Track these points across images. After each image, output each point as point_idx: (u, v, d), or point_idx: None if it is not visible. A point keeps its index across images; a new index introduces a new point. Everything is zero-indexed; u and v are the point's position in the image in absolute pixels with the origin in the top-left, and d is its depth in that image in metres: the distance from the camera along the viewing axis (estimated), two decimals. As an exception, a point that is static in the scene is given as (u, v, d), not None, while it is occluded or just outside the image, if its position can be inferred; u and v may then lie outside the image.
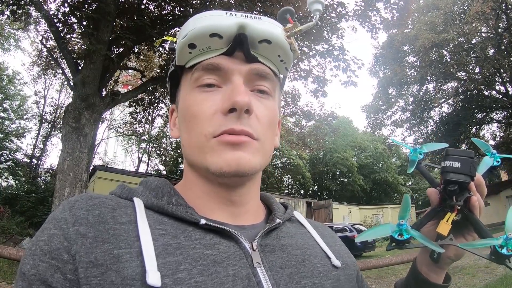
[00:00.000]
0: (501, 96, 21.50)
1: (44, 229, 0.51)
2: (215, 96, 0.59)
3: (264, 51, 0.62)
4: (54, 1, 9.35)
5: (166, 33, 9.70)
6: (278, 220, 0.65)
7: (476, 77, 21.51)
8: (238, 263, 0.54)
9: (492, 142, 24.62)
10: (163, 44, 10.70)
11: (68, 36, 9.36)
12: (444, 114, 24.76)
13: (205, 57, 0.59)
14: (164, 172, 29.67)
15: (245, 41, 0.58)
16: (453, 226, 0.64)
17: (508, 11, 18.71)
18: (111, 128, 28.74)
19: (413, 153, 0.78)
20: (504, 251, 0.56)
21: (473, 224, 0.65)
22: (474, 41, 20.57)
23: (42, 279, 0.46)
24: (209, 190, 0.62)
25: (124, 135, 29.37)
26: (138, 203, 0.57)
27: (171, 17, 9.60)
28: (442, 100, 24.00)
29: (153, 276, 0.46)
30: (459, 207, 0.64)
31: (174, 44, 0.64)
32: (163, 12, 9.70)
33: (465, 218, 0.65)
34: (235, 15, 0.59)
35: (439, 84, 24.00)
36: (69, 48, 8.87)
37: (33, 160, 25.65)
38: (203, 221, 0.56)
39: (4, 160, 24.01)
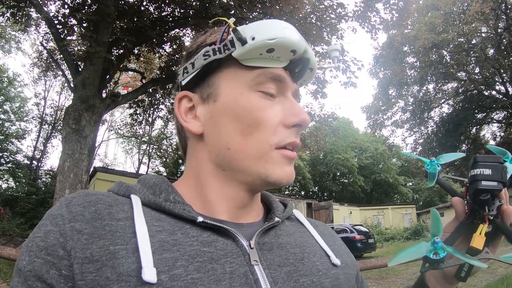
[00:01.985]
0: (501, 96, 21.49)
1: (40, 226, 0.51)
2: (276, 106, 0.61)
3: (304, 75, 0.66)
4: (54, 3, 9.38)
5: (166, 34, 9.73)
6: (276, 219, 0.65)
7: (476, 77, 21.50)
8: (236, 261, 0.54)
9: (492, 142, 24.62)
10: (162, 46, 10.74)
11: (68, 38, 9.38)
12: (444, 115, 24.76)
13: (272, 64, 0.59)
14: (165, 174, 29.66)
15: (307, 64, 0.63)
16: (486, 240, 0.60)
17: (508, 11, 18.72)
18: (111, 130, 28.77)
19: (431, 166, 0.73)
20: None
21: (506, 233, 0.61)
22: (474, 41, 20.57)
23: (37, 275, 0.46)
24: (230, 194, 0.61)
25: (125, 137, 29.37)
26: (135, 200, 0.56)
27: (171, 19, 9.61)
28: (442, 100, 24.00)
29: (149, 272, 0.46)
30: (491, 217, 0.60)
31: (242, 35, 0.57)
32: (163, 14, 9.71)
33: (496, 229, 0.61)
34: (301, 36, 0.61)
35: (439, 85, 23.99)
36: (69, 50, 8.87)
37: (34, 161, 25.67)
38: (200, 219, 0.56)
39: (4, 162, 24.02)
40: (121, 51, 8.90)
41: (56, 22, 8.48)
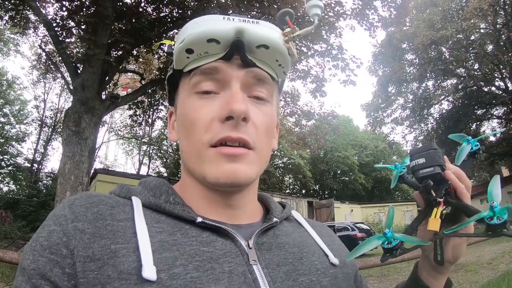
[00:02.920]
0: (500, 92, 21.49)
1: (44, 226, 0.52)
2: (212, 102, 0.59)
3: (261, 56, 0.61)
4: (52, 6, 9.37)
5: (164, 35, 9.72)
6: (275, 219, 0.66)
7: (476, 73, 21.51)
8: (234, 260, 0.55)
9: (492, 138, 24.62)
10: (161, 47, 10.73)
11: (67, 40, 9.37)
12: (444, 111, 24.77)
13: (203, 62, 0.59)
14: (165, 174, 29.66)
15: (242, 46, 0.58)
16: (446, 220, 0.63)
17: (506, 7, 18.70)
18: (112, 131, 28.78)
19: (395, 170, 0.78)
20: (494, 221, 0.54)
21: (464, 210, 0.63)
22: (472, 37, 20.56)
23: (41, 273, 0.47)
24: (206, 194, 0.63)
25: (125, 138, 29.38)
26: (136, 202, 0.58)
27: (169, 19, 9.60)
28: (442, 97, 24.00)
29: (149, 270, 0.47)
30: (441, 199, 0.63)
31: (172, 48, 0.63)
32: (161, 15, 9.70)
33: (454, 208, 0.63)
34: (233, 19, 0.58)
35: (438, 81, 23.99)
36: (68, 52, 8.87)
37: (34, 164, 25.70)
38: (199, 219, 0.57)
39: (5, 165, 24.03)
40: (120, 52, 8.89)
41: (54, 24, 8.48)
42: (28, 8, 8.71)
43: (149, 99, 13.03)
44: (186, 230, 0.56)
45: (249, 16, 0.60)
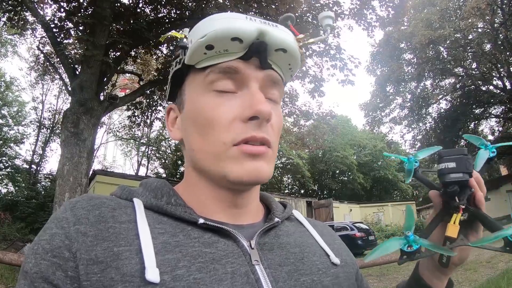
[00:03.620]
0: (498, 91, 21.53)
1: (46, 229, 0.52)
2: (231, 101, 0.59)
3: (277, 59, 0.62)
4: (50, 7, 9.36)
5: (162, 36, 9.70)
6: (276, 219, 0.66)
7: (473, 72, 21.56)
8: (237, 261, 0.55)
9: (491, 137, 24.63)
10: (159, 47, 10.73)
11: (65, 41, 9.36)
12: (442, 110, 24.80)
13: (221, 59, 0.58)
14: (164, 175, 29.65)
15: (265, 48, 0.58)
16: (461, 226, 0.63)
17: (504, 6, 18.75)
18: (110, 132, 28.75)
19: (408, 163, 0.77)
20: None
21: (482, 220, 0.63)
22: (470, 36, 20.60)
23: (44, 277, 0.47)
24: (215, 194, 0.62)
25: (123, 139, 29.35)
26: (138, 203, 0.58)
27: (167, 20, 9.60)
28: (440, 96, 24.03)
29: (152, 272, 0.47)
30: (463, 206, 0.63)
31: (184, 42, 0.61)
32: (159, 15, 9.70)
33: (472, 216, 0.64)
34: (255, 20, 0.58)
35: (436, 81, 24.02)
36: (66, 53, 8.86)
37: (33, 166, 25.64)
38: (201, 221, 0.57)
39: (3, 167, 24.00)
40: (118, 53, 8.89)
41: (52, 25, 8.47)
42: (26, 9, 8.70)
43: (148, 100, 13.00)
44: (188, 231, 0.56)
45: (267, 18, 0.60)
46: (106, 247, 0.49)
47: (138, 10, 9.20)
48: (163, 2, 9.25)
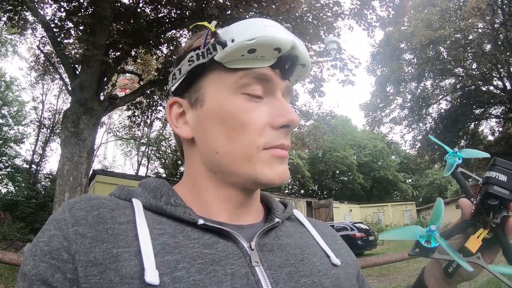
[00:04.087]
0: (499, 91, 21.51)
1: (44, 230, 0.52)
2: (262, 107, 0.60)
3: (295, 72, 0.64)
4: (51, 6, 9.36)
5: (162, 35, 9.72)
6: (277, 219, 0.66)
7: (474, 73, 21.52)
8: (237, 262, 0.55)
9: (491, 138, 24.64)
10: (160, 47, 10.73)
11: (65, 41, 9.36)
12: (442, 111, 24.75)
13: (256, 65, 0.58)
14: (164, 175, 29.66)
15: (296, 62, 0.61)
16: (484, 245, 0.60)
17: (504, 6, 18.75)
18: (110, 132, 28.74)
19: (451, 156, 0.73)
20: None
21: (503, 246, 0.59)
22: (470, 37, 20.58)
23: (42, 279, 0.47)
24: (226, 195, 0.62)
25: (123, 139, 29.35)
26: (137, 204, 0.57)
27: (167, 20, 9.59)
28: (440, 96, 24.01)
29: (151, 274, 0.47)
30: (493, 225, 0.59)
31: (219, 37, 0.57)
32: (159, 15, 9.69)
33: (495, 238, 0.60)
34: (289, 33, 0.60)
35: (436, 81, 23.99)
36: (66, 53, 8.86)
37: (33, 165, 25.66)
38: (201, 221, 0.56)
39: (3, 166, 24.01)
40: (118, 53, 8.87)
41: (52, 25, 8.47)
42: (26, 9, 8.70)
43: (148, 100, 13.00)
44: (187, 232, 0.56)
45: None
46: (105, 249, 0.49)
47: (138, 10, 9.19)
48: (163, 2, 9.25)
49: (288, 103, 0.65)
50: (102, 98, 8.52)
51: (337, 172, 40.68)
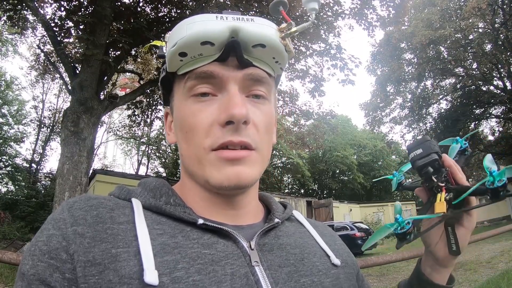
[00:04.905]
0: (499, 91, 21.53)
1: (43, 230, 0.51)
2: (210, 106, 0.58)
3: (258, 55, 0.59)
4: (51, 6, 9.36)
5: (162, 35, 9.70)
6: (276, 220, 0.65)
7: (474, 72, 21.53)
8: (236, 262, 0.55)
9: (491, 138, 24.64)
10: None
11: (65, 40, 9.36)
12: (442, 111, 24.79)
13: (197, 64, 0.57)
14: (164, 174, 29.66)
15: (238, 47, 0.56)
16: (450, 207, 0.64)
17: (505, 6, 18.74)
18: (110, 131, 28.74)
19: (394, 178, 0.85)
20: (496, 184, 0.57)
21: (463, 190, 0.63)
22: (471, 36, 20.59)
23: (41, 279, 0.46)
24: (208, 197, 0.62)
25: (123, 138, 29.35)
26: (136, 204, 0.57)
27: (167, 19, 9.59)
28: (440, 96, 24.04)
29: (151, 274, 0.47)
30: (442, 184, 0.66)
31: (163, 51, 0.61)
32: (159, 14, 9.69)
33: (458, 193, 0.64)
34: (226, 18, 0.56)
35: (437, 81, 24.01)
36: (67, 52, 8.86)
37: (33, 165, 25.68)
38: (200, 221, 0.56)
39: (3, 166, 24.01)
40: (118, 52, 8.87)
41: (52, 24, 8.46)
42: (26, 8, 8.69)
43: (148, 99, 13.00)
44: (187, 232, 0.55)
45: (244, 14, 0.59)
46: (104, 249, 0.49)
47: (139, 9, 9.19)
48: (163, 1, 9.25)
49: (266, 91, 0.62)
50: (102, 97, 8.52)
51: (337, 171, 40.65)
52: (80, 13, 8.10)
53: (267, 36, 0.58)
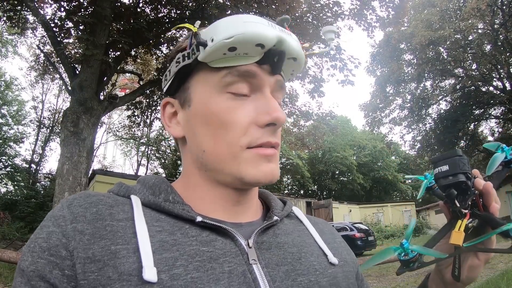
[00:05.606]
0: (498, 92, 21.52)
1: (42, 227, 0.52)
2: (247, 105, 0.59)
3: (286, 66, 0.63)
4: (51, 6, 9.36)
5: (162, 35, 9.71)
6: (275, 217, 0.66)
7: (473, 73, 21.54)
8: (234, 260, 0.55)
9: (490, 138, 24.64)
10: (159, 47, 10.72)
11: (65, 40, 9.36)
12: (442, 111, 24.78)
13: (240, 62, 0.58)
14: (164, 175, 29.62)
15: (283, 56, 0.59)
16: (471, 234, 0.60)
17: (504, 7, 18.76)
18: (110, 132, 28.72)
19: (425, 180, 0.75)
20: None
21: (489, 222, 0.58)
22: (470, 37, 20.60)
23: (40, 275, 0.47)
24: (218, 193, 0.62)
25: (123, 139, 29.34)
26: (135, 201, 0.57)
27: (167, 20, 9.60)
28: (440, 97, 24.04)
29: (150, 271, 0.47)
30: (466, 210, 0.59)
31: (203, 39, 0.58)
32: (159, 15, 9.70)
33: (483, 222, 0.60)
34: (275, 26, 0.59)
35: (436, 81, 24.02)
36: (66, 53, 8.85)
37: (32, 165, 25.64)
38: (199, 219, 0.56)
39: (3, 166, 23.99)
40: (118, 53, 8.88)
41: (52, 25, 8.47)
42: (26, 8, 8.70)
43: (147, 100, 13.00)
44: (186, 229, 0.56)
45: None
46: (104, 245, 0.49)
47: (138, 10, 9.20)
48: (163, 2, 9.25)
49: (281, 99, 0.66)
50: (102, 97, 8.53)
51: (337, 172, 40.65)
52: (80, 14, 8.10)
53: (300, 52, 0.63)
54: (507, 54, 19.76)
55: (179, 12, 9.52)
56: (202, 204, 0.62)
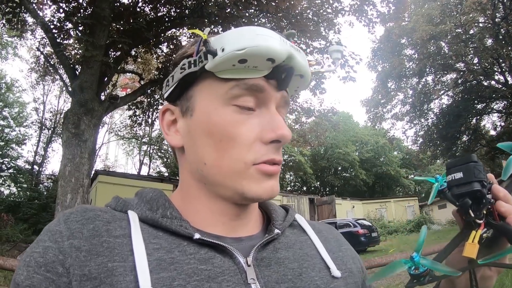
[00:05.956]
0: (500, 86, 21.49)
1: (39, 241, 0.51)
2: (252, 120, 0.58)
3: (292, 82, 0.62)
4: (50, 8, 9.36)
5: (162, 35, 9.71)
6: (276, 231, 0.64)
7: (475, 67, 21.51)
8: (233, 279, 0.54)
9: (493, 132, 24.60)
10: (160, 47, 10.71)
11: (65, 42, 9.36)
12: (444, 106, 24.77)
13: (248, 75, 0.56)
14: (166, 174, 29.71)
15: (291, 72, 0.59)
16: (487, 245, 0.57)
17: (505, 0, 18.67)
18: (111, 132, 28.82)
19: (436, 183, 0.69)
20: None
21: (505, 233, 0.55)
22: (471, 31, 20.55)
23: None
24: (217, 207, 0.61)
25: (125, 139, 29.42)
26: (133, 216, 0.56)
27: (167, 19, 9.59)
28: (442, 92, 24.00)
29: None
30: (481, 221, 0.56)
31: (213, 47, 0.55)
32: (158, 14, 9.69)
33: (500, 232, 0.56)
34: (286, 42, 0.58)
35: (438, 76, 23.98)
36: (66, 54, 8.86)
37: (35, 167, 25.75)
38: (197, 236, 0.55)
39: (5, 168, 24.10)
40: (118, 53, 8.89)
41: (52, 26, 8.47)
42: (25, 10, 8.70)
43: (149, 99, 13.02)
44: (184, 246, 0.55)
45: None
46: (100, 263, 0.48)
47: (138, 10, 9.19)
48: (162, 1, 9.25)
49: (285, 114, 0.65)
50: (102, 98, 8.54)
51: (339, 168, 40.72)
52: (79, 15, 8.10)
53: (308, 69, 0.63)
54: (509, 48, 19.70)
55: (178, 11, 9.51)
56: (201, 218, 0.61)
